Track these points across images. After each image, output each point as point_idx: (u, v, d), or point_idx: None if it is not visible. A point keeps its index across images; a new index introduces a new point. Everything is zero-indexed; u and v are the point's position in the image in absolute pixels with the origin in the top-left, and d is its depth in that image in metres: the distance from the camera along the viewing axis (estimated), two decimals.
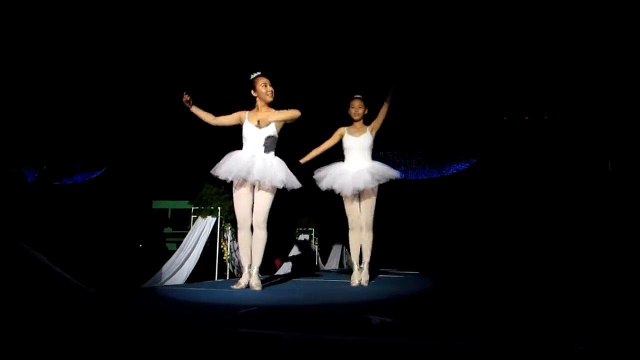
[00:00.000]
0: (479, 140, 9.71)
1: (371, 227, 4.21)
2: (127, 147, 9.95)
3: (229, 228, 5.66)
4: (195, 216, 5.52)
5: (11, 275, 3.15)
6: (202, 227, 5.30)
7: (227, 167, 3.69)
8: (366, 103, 4.35)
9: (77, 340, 1.72)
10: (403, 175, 10.10)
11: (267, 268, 6.36)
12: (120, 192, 10.29)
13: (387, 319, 1.86)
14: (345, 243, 11.11)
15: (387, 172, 4.16)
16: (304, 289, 3.83)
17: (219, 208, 5.45)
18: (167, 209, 15.93)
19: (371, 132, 4.30)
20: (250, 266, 3.78)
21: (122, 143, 9.82)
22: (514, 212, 5.46)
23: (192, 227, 5.38)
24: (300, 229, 8.20)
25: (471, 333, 1.80)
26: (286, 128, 3.92)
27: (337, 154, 4.45)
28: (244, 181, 3.73)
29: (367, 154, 4.28)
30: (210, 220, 5.38)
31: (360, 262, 4.27)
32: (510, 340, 1.62)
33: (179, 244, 5.41)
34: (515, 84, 7.36)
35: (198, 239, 5.18)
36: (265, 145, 3.78)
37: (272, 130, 3.80)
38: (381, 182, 4.14)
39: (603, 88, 6.29)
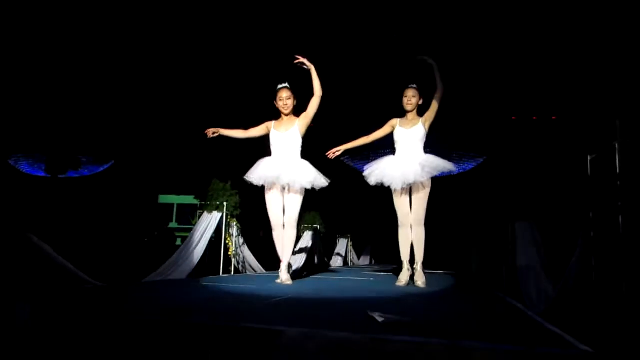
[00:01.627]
0: (487, 139, 9.65)
1: (423, 222, 3.97)
2: (134, 141, 9.97)
3: (235, 223, 5.67)
4: (201, 211, 5.53)
5: (17, 264, 3.17)
6: (207, 222, 5.31)
7: (259, 173, 3.99)
8: (421, 93, 4.15)
9: (78, 332, 1.72)
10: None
11: (273, 265, 6.37)
12: (126, 186, 10.33)
13: (392, 317, 1.85)
14: (350, 239, 11.13)
15: (439, 164, 3.95)
16: (309, 286, 3.83)
17: (224, 203, 5.44)
18: (173, 204, 16.01)
19: (424, 123, 4.06)
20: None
21: (129, 137, 9.85)
22: (521, 211, 5.42)
23: (197, 222, 5.39)
24: (306, 225, 8.16)
25: (478, 332, 1.78)
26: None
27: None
28: (273, 184, 4.02)
29: (419, 147, 4.05)
30: (215, 216, 5.38)
31: (413, 261, 4.01)
32: (517, 340, 1.60)
33: (184, 239, 5.42)
34: (523, 84, 7.31)
35: (203, 234, 5.20)
36: (291, 150, 4.05)
37: (296, 135, 4.06)
38: (433, 174, 3.93)
39: (611, 88, 6.24)
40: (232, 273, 5.57)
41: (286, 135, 4.05)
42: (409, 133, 4.06)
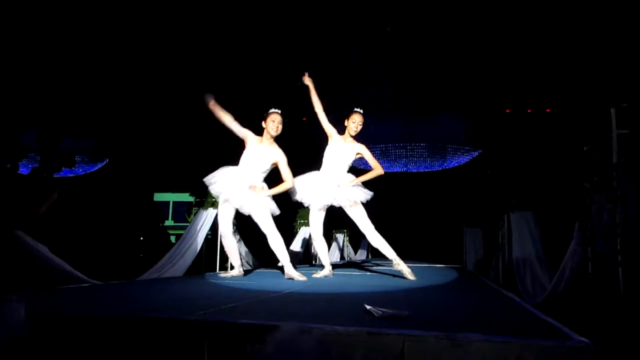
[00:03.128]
0: (482, 132, 9.65)
1: (372, 229, 4.13)
2: (128, 140, 9.92)
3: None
4: (196, 208, 5.50)
5: (12, 264, 3.14)
6: (203, 219, 5.29)
7: (218, 186, 4.02)
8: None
9: (75, 330, 1.71)
10: (403, 168, 10.04)
11: (270, 261, 6.36)
12: (121, 185, 10.29)
13: (389, 311, 1.84)
14: (347, 234, 11.13)
15: (355, 196, 4.10)
16: (306, 281, 3.81)
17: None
18: (168, 202, 15.94)
19: (357, 154, 4.22)
20: (242, 265, 4.39)
21: (124, 135, 9.80)
22: (517, 203, 5.43)
23: (192, 219, 5.37)
24: (302, 221, 8.13)
25: (474, 325, 1.78)
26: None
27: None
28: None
29: (344, 168, 4.22)
30: (211, 212, 5.36)
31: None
32: (514, 332, 1.59)
33: (179, 236, 5.40)
34: (518, 76, 7.30)
35: (199, 231, 5.18)
36: (258, 169, 4.07)
37: (269, 161, 4.07)
38: (347, 204, 4.13)
39: (605, 78, 6.24)
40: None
41: (262, 155, 4.06)
42: (343, 151, 4.19)
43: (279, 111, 4.16)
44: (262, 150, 4.08)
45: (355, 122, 4.19)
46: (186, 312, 1.85)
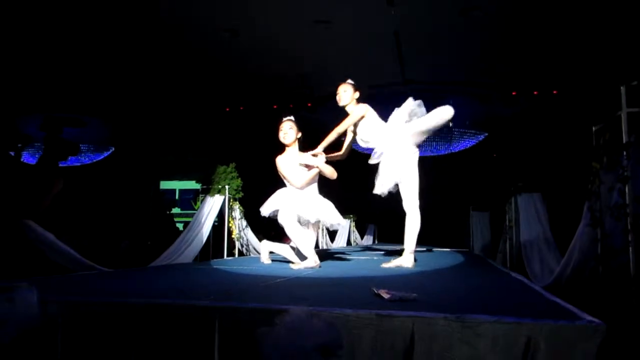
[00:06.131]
0: (488, 116, 9.57)
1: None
2: (133, 128, 9.93)
3: (237, 206, 5.65)
4: (203, 195, 5.51)
5: (20, 252, 3.17)
6: (210, 206, 5.29)
7: None
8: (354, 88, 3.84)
9: (87, 316, 1.72)
10: None
11: None
12: (127, 173, 10.33)
13: (398, 293, 1.84)
14: (353, 219, 11.15)
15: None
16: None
17: (226, 187, 5.42)
18: (174, 189, 16.00)
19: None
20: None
21: (129, 124, 9.80)
22: (525, 185, 5.39)
23: (200, 206, 5.38)
24: None
25: (484, 306, 1.77)
26: None
27: None
28: None
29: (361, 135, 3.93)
30: (218, 199, 5.36)
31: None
32: (523, 312, 1.59)
33: (186, 224, 5.42)
34: (523, 57, 7.20)
35: (206, 218, 5.19)
36: None
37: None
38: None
39: (615, 58, 6.14)
40: (237, 256, 5.59)
41: None
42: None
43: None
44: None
45: (339, 93, 3.83)
46: (196, 297, 1.86)
